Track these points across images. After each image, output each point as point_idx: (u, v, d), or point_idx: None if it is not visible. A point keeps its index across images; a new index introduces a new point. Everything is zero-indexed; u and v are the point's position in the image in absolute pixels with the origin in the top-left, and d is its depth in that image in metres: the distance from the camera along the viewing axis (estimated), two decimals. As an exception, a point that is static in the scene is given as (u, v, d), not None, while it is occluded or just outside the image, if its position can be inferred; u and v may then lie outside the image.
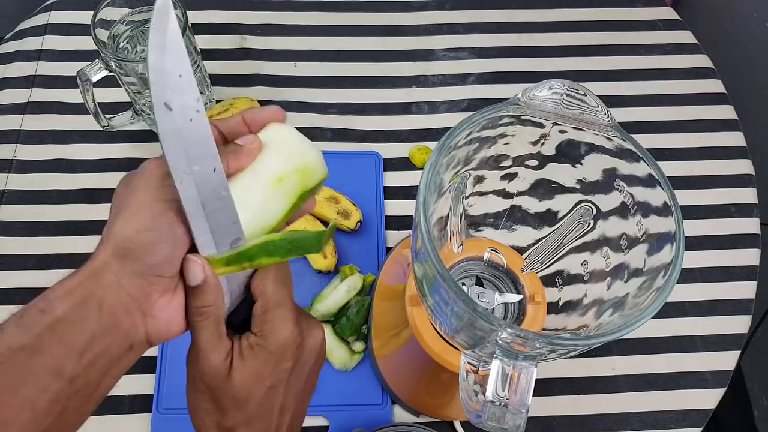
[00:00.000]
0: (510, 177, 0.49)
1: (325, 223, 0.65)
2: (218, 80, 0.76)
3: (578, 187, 0.46)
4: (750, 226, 0.71)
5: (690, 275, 0.67)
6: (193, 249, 0.32)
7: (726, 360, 0.63)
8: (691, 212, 0.71)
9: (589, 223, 0.47)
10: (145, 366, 0.60)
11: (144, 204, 0.30)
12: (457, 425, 0.59)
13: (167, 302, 0.32)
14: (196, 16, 0.80)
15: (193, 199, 0.30)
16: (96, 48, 0.59)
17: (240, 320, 0.35)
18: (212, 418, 0.34)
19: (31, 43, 0.77)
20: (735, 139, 0.76)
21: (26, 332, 0.28)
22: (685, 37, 0.83)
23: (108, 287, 0.30)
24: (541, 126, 0.43)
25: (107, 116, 0.66)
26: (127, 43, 0.64)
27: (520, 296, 0.51)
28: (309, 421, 0.58)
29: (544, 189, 0.49)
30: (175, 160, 0.29)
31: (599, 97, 0.41)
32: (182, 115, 0.28)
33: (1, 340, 0.28)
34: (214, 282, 0.32)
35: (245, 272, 0.34)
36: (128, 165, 0.70)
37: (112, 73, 0.61)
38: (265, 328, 0.33)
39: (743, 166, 0.74)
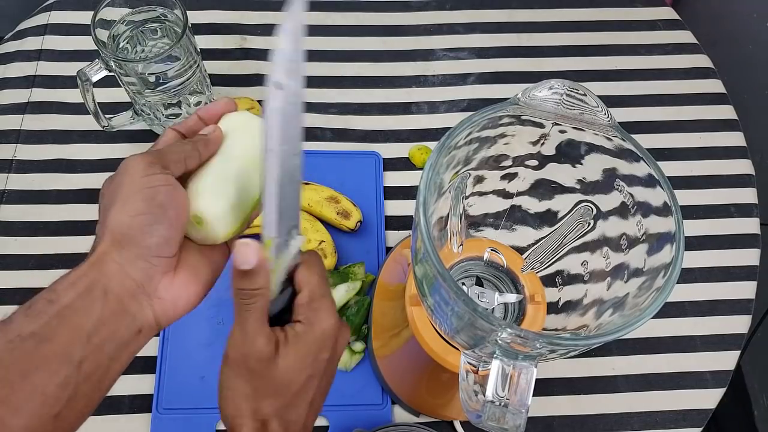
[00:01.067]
0: (510, 177, 0.49)
1: (325, 223, 0.65)
2: (218, 80, 0.76)
3: (578, 187, 0.46)
4: (750, 226, 0.71)
5: (690, 275, 0.67)
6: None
7: (726, 360, 0.63)
8: (691, 212, 0.71)
9: (589, 223, 0.47)
10: (145, 366, 0.60)
11: (132, 193, 0.32)
12: (457, 425, 0.59)
13: (170, 281, 0.33)
14: (196, 16, 0.80)
15: (274, 176, 0.32)
16: (96, 48, 0.59)
17: (277, 310, 0.36)
18: (249, 405, 0.34)
19: (31, 43, 0.77)
20: (735, 139, 0.76)
21: (34, 321, 0.29)
22: (685, 37, 0.83)
23: (111, 275, 0.31)
24: (541, 126, 0.43)
25: (107, 116, 0.66)
26: (127, 43, 0.64)
27: (520, 296, 0.51)
28: (309, 421, 0.58)
29: (544, 189, 0.49)
30: (270, 135, 0.31)
31: (599, 97, 0.41)
32: (287, 96, 0.31)
33: (11, 329, 0.29)
34: (265, 266, 0.33)
35: (288, 263, 0.35)
36: (128, 165, 0.70)
37: (112, 73, 0.61)
38: (311, 316, 0.34)
39: (743, 166, 0.74)
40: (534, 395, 0.35)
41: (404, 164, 0.72)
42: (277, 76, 0.31)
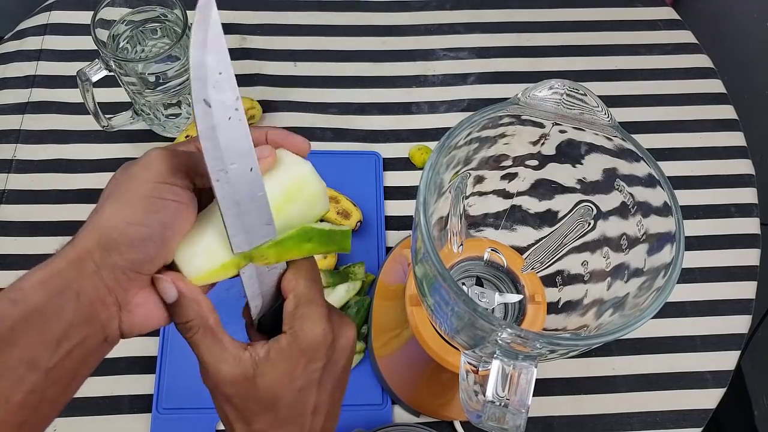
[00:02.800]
0: (510, 177, 0.49)
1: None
2: (218, 80, 0.75)
3: (578, 187, 0.46)
4: (750, 226, 0.71)
5: (690, 275, 0.67)
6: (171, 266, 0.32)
7: (726, 360, 0.63)
8: (691, 212, 0.71)
9: (589, 223, 0.47)
10: (145, 366, 0.60)
11: (139, 196, 0.29)
12: (457, 425, 0.59)
13: (145, 298, 0.31)
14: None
15: (228, 198, 0.29)
16: (96, 48, 0.59)
17: (272, 324, 0.34)
18: (241, 426, 0.33)
19: (31, 43, 0.77)
20: (735, 139, 0.76)
21: None
22: (685, 37, 0.83)
23: (88, 277, 0.29)
24: (541, 126, 0.43)
25: (107, 116, 0.66)
26: (127, 43, 0.64)
27: (520, 296, 0.51)
28: (309, 421, 0.58)
29: (544, 189, 0.49)
30: (212, 158, 0.28)
31: (599, 97, 0.41)
32: (221, 112, 0.28)
33: None
34: (191, 293, 0.31)
35: (276, 273, 0.33)
36: (128, 165, 0.70)
37: (112, 73, 0.61)
38: (296, 326, 0.32)
39: (743, 166, 0.74)
40: (534, 395, 0.35)
41: (404, 164, 0.72)
42: (202, 93, 0.27)
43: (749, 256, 0.69)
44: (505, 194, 0.50)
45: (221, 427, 0.58)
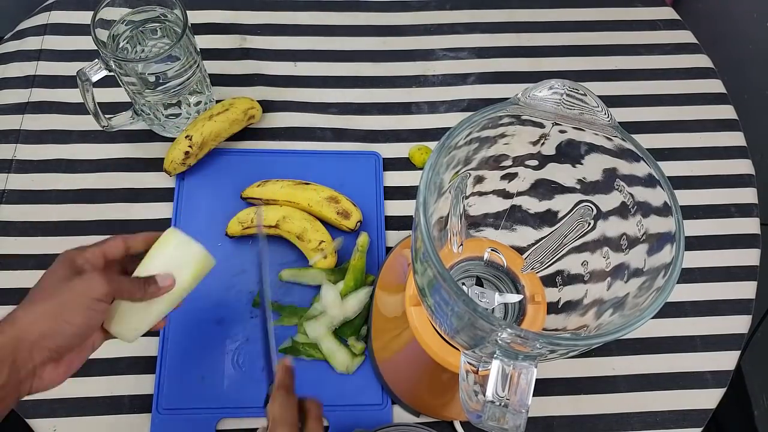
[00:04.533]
0: (510, 177, 0.49)
1: (325, 223, 0.65)
2: (218, 80, 0.76)
3: (578, 187, 0.46)
4: (750, 226, 0.71)
5: (690, 275, 0.67)
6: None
7: (726, 360, 0.63)
8: (691, 212, 0.71)
9: (589, 223, 0.47)
10: (145, 366, 0.60)
11: (80, 307, 0.41)
12: (457, 425, 0.59)
13: (54, 368, 0.41)
14: (196, 16, 0.80)
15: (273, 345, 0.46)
16: (96, 48, 0.59)
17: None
18: None
19: (31, 43, 0.77)
20: (735, 139, 0.76)
21: None
22: (685, 37, 0.83)
23: (22, 352, 0.39)
24: (541, 126, 0.43)
25: (107, 116, 0.66)
26: (126, 43, 0.64)
27: (520, 296, 0.51)
28: (309, 421, 0.58)
29: (544, 189, 0.49)
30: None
31: (599, 97, 0.41)
32: (267, 313, 0.46)
33: None
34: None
35: None
36: (127, 165, 0.70)
37: (111, 73, 0.61)
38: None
39: (743, 166, 0.74)
40: (534, 395, 0.35)
41: (404, 164, 0.72)
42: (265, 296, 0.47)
43: (749, 256, 0.69)
44: (505, 194, 0.50)
45: (221, 426, 0.58)
